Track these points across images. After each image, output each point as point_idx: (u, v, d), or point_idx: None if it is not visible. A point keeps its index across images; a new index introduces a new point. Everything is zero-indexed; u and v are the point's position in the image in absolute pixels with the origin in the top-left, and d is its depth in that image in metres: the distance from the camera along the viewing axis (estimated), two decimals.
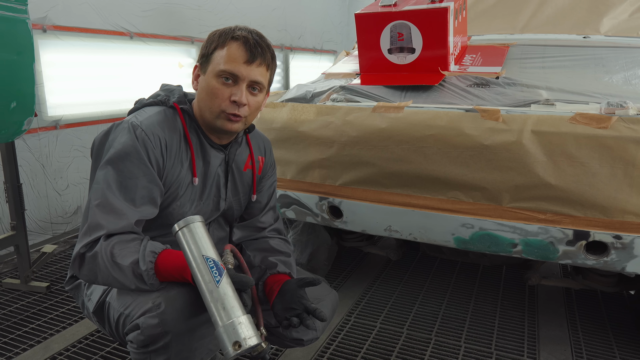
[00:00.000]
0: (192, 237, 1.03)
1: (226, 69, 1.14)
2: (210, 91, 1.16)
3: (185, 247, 1.03)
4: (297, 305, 1.20)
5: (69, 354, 1.84)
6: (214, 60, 1.16)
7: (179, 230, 1.04)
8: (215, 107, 1.17)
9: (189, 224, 1.04)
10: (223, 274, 1.00)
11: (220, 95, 1.16)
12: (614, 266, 1.57)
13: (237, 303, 0.99)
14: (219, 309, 0.97)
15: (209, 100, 1.17)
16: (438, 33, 2.01)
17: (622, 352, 1.90)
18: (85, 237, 1.09)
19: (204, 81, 1.19)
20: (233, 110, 1.16)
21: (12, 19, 1.84)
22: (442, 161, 1.68)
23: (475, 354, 1.87)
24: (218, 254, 1.04)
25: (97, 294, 1.23)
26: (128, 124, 1.15)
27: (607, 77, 1.97)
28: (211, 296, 0.98)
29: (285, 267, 1.34)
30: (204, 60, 1.19)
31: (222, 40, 1.17)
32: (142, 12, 3.44)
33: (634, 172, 1.46)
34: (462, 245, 1.76)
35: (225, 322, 0.96)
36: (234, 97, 1.15)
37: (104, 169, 1.12)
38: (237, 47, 1.15)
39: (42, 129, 2.84)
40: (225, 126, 1.19)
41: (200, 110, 1.22)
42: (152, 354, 1.06)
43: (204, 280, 1.00)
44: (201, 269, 1.01)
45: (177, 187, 1.22)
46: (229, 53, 1.15)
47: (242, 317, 0.97)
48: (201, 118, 1.23)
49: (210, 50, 1.18)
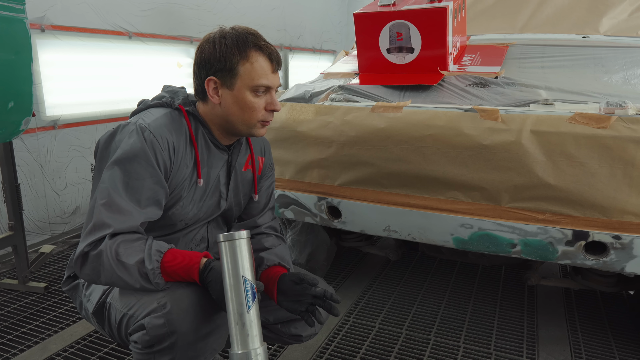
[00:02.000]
0: (233, 253, 1.03)
1: (262, 84, 1.18)
2: (247, 105, 1.19)
3: (224, 261, 1.03)
4: (303, 297, 1.20)
5: (66, 354, 1.84)
6: (242, 75, 1.17)
7: (221, 242, 1.03)
8: (254, 119, 1.21)
9: (234, 239, 1.03)
10: (255, 301, 1.01)
11: (258, 108, 1.20)
12: (613, 266, 1.57)
13: (259, 332, 1.01)
14: (243, 334, 0.99)
15: (244, 114, 1.20)
16: (437, 33, 2.00)
17: (621, 353, 1.89)
18: (89, 235, 1.09)
19: (234, 96, 1.19)
20: (270, 118, 1.24)
21: (10, 18, 1.84)
22: (441, 161, 1.68)
23: (474, 355, 1.87)
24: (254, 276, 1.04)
25: (97, 294, 1.22)
26: (136, 125, 1.15)
27: (606, 76, 1.97)
28: (239, 318, 0.99)
29: (274, 258, 1.34)
30: (225, 75, 1.17)
31: (243, 53, 1.16)
32: (141, 11, 3.43)
33: (633, 172, 1.46)
34: (461, 246, 1.75)
35: (244, 349, 0.98)
36: (272, 107, 1.22)
37: (111, 169, 1.12)
38: (263, 60, 1.18)
39: (41, 129, 2.83)
40: (261, 133, 1.26)
41: (230, 122, 1.22)
42: (157, 354, 1.06)
43: (235, 301, 1.00)
44: (235, 288, 1.01)
45: (181, 189, 1.22)
46: (258, 67, 1.17)
47: (260, 348, 1.00)
48: (226, 126, 1.24)
49: (232, 64, 1.16)
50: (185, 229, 1.30)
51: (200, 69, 1.20)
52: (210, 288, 1.07)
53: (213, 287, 1.06)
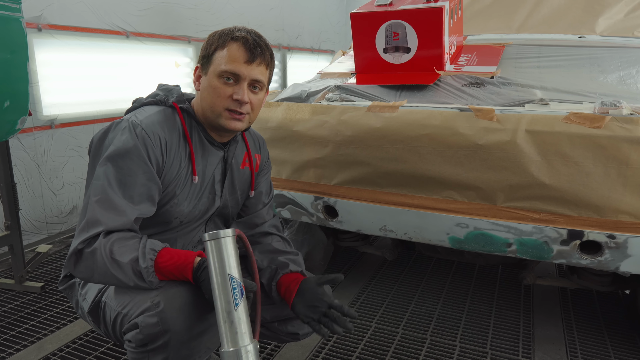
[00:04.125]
0: (219, 252, 1.02)
1: (227, 69, 1.16)
2: (213, 91, 1.18)
3: (211, 260, 1.02)
4: (320, 303, 1.21)
5: (62, 354, 1.84)
6: (215, 61, 1.18)
7: (207, 241, 1.03)
8: (218, 106, 1.19)
9: (219, 237, 1.03)
10: (243, 298, 1.01)
11: (222, 94, 1.18)
12: (608, 265, 1.57)
13: (249, 329, 1.01)
14: (232, 332, 0.99)
15: (211, 100, 1.19)
16: (433, 32, 2.01)
17: (617, 352, 1.90)
18: (83, 233, 1.09)
19: (206, 81, 1.20)
20: (235, 108, 1.19)
21: (6, 17, 1.83)
22: (437, 161, 1.68)
23: (471, 354, 1.87)
24: (241, 274, 1.04)
25: (93, 293, 1.23)
26: (128, 122, 1.15)
27: (601, 76, 1.97)
28: (227, 317, 0.99)
29: (297, 266, 1.34)
30: (205, 61, 1.21)
31: (222, 41, 1.18)
32: (138, 11, 3.43)
33: (628, 172, 1.47)
34: (457, 245, 1.76)
35: (234, 346, 0.98)
36: (236, 96, 1.17)
37: (104, 165, 1.12)
38: (237, 48, 1.17)
39: (37, 129, 2.83)
40: (229, 125, 1.20)
41: (202, 109, 1.23)
42: (151, 353, 1.06)
43: (223, 299, 1.00)
44: (222, 287, 1.01)
45: (175, 186, 1.22)
46: (229, 53, 1.17)
47: (250, 345, 0.99)
48: (204, 117, 1.24)
49: (210, 52, 1.19)
50: (180, 226, 1.30)
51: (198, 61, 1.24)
52: (203, 287, 1.06)
53: (206, 286, 1.05)
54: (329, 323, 1.20)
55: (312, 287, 1.25)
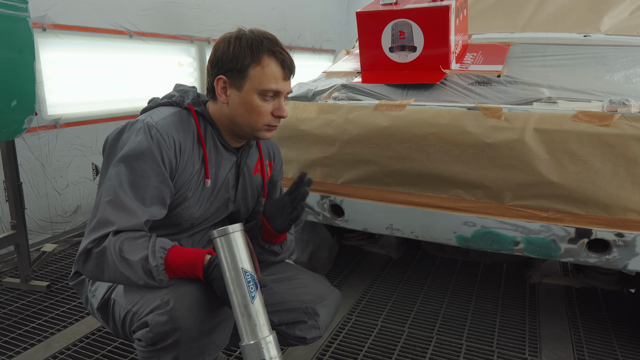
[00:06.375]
0: (229, 247, 1.02)
1: (271, 89, 1.18)
2: (253, 108, 1.19)
3: (222, 256, 1.02)
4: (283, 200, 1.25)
5: (70, 352, 1.84)
6: (252, 78, 1.17)
7: (216, 238, 1.03)
8: (259, 123, 1.21)
9: (228, 233, 1.03)
10: (258, 290, 1.01)
11: (264, 112, 1.20)
12: (616, 264, 1.57)
13: (267, 321, 1.01)
14: (251, 325, 0.99)
15: (250, 116, 1.20)
16: (439, 31, 2.01)
17: (623, 350, 1.90)
18: (93, 232, 1.09)
19: (241, 97, 1.19)
20: (276, 123, 1.24)
21: (13, 17, 1.84)
22: (444, 159, 1.68)
23: (477, 352, 1.87)
24: (254, 267, 1.04)
25: (102, 290, 1.23)
26: (143, 123, 1.15)
27: (608, 75, 1.97)
28: (244, 310, 1.00)
29: None
30: (236, 76, 1.18)
31: (255, 57, 1.16)
32: (141, 11, 3.43)
33: (636, 170, 1.47)
34: (464, 244, 1.76)
35: (254, 339, 0.99)
36: (279, 112, 1.22)
37: (117, 166, 1.12)
38: (275, 66, 1.18)
39: (42, 128, 2.83)
40: (266, 136, 1.25)
41: (234, 123, 1.23)
42: (161, 351, 1.06)
43: (239, 294, 1.00)
44: (237, 281, 1.01)
45: (187, 189, 1.22)
46: (269, 72, 1.17)
47: (270, 336, 1.00)
48: (233, 128, 1.24)
49: (244, 66, 1.16)
50: (191, 229, 1.29)
51: (213, 67, 1.21)
52: (215, 285, 1.06)
53: (217, 283, 1.06)
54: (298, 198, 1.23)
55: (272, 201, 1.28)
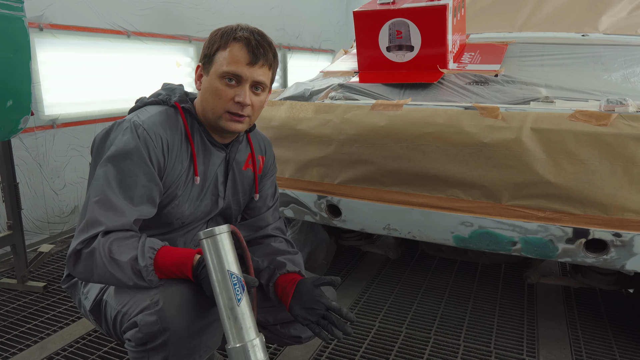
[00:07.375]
0: (216, 249, 1.01)
1: (229, 71, 1.14)
2: (214, 92, 1.17)
3: (208, 258, 1.01)
4: (317, 305, 1.19)
5: (65, 354, 1.83)
6: (216, 62, 1.16)
7: (203, 240, 1.02)
8: (219, 108, 1.17)
9: (214, 235, 1.01)
10: (244, 293, 1.00)
11: (224, 96, 1.16)
12: (614, 264, 1.57)
13: (254, 324, 1.00)
14: (237, 328, 0.98)
15: (212, 101, 1.17)
16: (437, 31, 2.00)
17: (621, 350, 1.89)
18: (82, 233, 1.08)
19: (207, 82, 1.19)
20: (237, 110, 1.17)
21: (8, 16, 1.83)
22: (441, 159, 1.68)
23: (475, 353, 1.87)
24: (240, 269, 1.03)
25: (94, 292, 1.22)
26: (130, 122, 1.15)
27: (606, 75, 1.97)
28: (230, 313, 0.99)
29: (294, 266, 1.32)
30: (206, 61, 1.19)
31: (224, 41, 1.16)
32: (139, 10, 3.42)
33: (634, 170, 1.46)
34: (462, 244, 1.75)
35: (240, 342, 0.97)
36: (238, 98, 1.15)
37: (104, 166, 1.11)
38: (239, 49, 1.15)
39: (39, 128, 2.82)
40: (229, 126, 1.19)
41: (203, 110, 1.22)
42: (151, 352, 1.05)
43: (225, 296, 0.99)
44: (223, 284, 1.00)
45: (176, 187, 1.21)
46: (231, 54, 1.15)
47: (256, 339, 0.99)
48: (204, 117, 1.23)
49: (212, 51, 1.17)
50: (182, 227, 1.29)
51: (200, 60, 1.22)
52: (204, 285, 1.05)
53: (207, 284, 1.04)
54: (328, 326, 1.18)
55: (309, 288, 1.22)
